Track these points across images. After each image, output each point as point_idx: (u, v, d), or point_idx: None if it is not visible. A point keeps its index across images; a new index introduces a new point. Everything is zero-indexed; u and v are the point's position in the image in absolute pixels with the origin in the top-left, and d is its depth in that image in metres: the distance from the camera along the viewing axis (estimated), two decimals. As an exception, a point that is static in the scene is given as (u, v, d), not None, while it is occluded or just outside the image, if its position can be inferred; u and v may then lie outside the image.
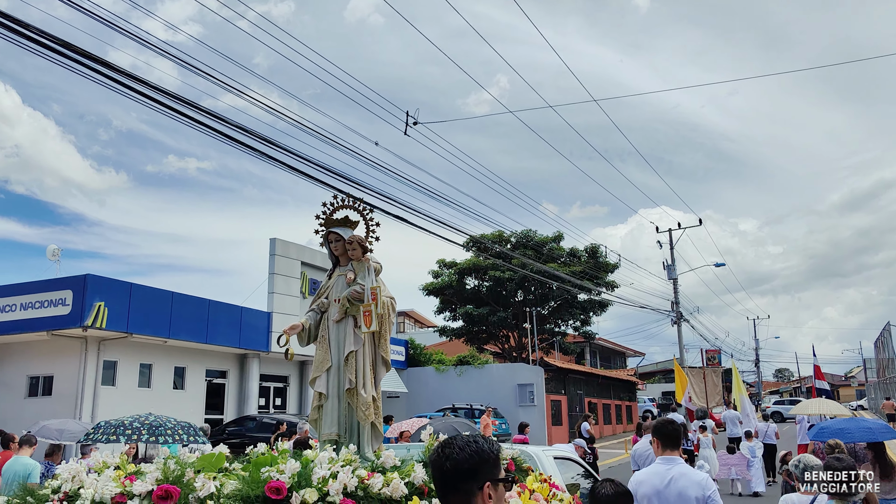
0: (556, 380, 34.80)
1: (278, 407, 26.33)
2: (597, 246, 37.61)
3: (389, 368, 4.92)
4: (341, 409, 4.75)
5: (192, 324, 21.29)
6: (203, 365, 23.19)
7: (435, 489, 2.10)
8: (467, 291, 37.15)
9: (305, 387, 26.89)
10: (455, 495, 2.00)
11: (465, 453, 2.00)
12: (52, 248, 23.45)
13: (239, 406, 24.19)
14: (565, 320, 38.37)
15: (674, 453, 4.59)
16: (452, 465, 1.99)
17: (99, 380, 19.61)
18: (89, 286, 18.43)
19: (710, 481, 4.39)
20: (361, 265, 4.95)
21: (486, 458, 2.01)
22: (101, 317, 18.40)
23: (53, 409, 18.14)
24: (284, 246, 25.26)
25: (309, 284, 25.93)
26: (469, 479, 1.98)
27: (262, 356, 24.58)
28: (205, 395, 23.26)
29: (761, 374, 76.55)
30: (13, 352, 20.68)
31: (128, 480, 3.39)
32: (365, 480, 3.60)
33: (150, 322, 19.94)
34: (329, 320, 4.97)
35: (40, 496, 3.51)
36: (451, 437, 2.13)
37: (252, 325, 23.50)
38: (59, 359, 19.70)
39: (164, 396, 21.04)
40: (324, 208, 5.18)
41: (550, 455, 6.00)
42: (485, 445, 2.04)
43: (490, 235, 34.01)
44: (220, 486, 3.41)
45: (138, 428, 10.31)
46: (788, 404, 47.53)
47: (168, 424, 10.75)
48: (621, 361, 65.82)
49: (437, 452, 2.08)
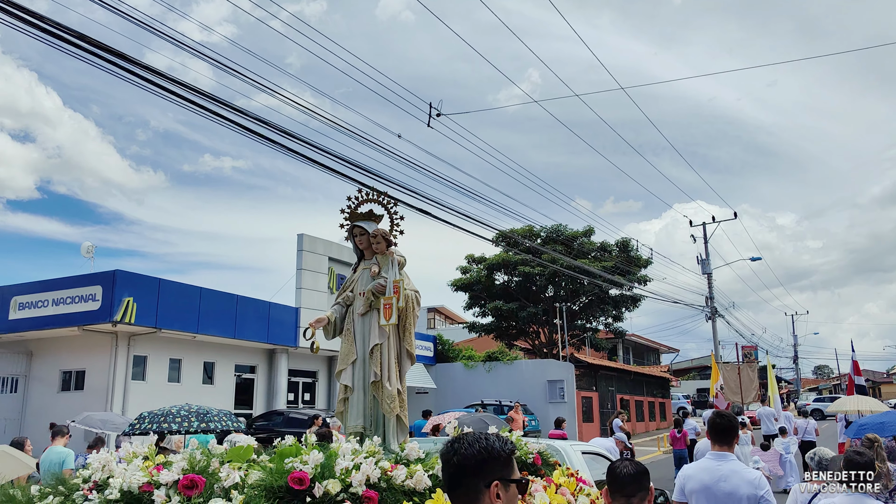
0: (587, 376, 34.67)
1: (307, 402, 26.63)
2: (628, 240, 37.32)
3: (414, 362, 4.97)
4: (367, 402, 4.82)
5: (221, 319, 21.63)
6: (232, 360, 23.54)
7: (444, 485, 2.08)
8: (496, 287, 37.12)
9: (334, 382, 27.15)
10: (460, 491, 1.98)
11: (473, 449, 1.98)
12: (86, 245, 23.87)
13: (268, 401, 24.51)
14: (596, 316, 38.17)
15: (725, 449, 4.42)
16: (459, 460, 1.98)
17: (129, 375, 20.02)
18: (118, 282, 18.81)
19: (763, 480, 4.22)
20: (386, 258, 5.02)
21: (496, 457, 1.98)
22: (129, 312, 18.77)
23: (85, 404, 18.56)
24: (312, 242, 25.53)
25: (336, 280, 26.17)
26: (475, 476, 1.95)
27: (290, 351, 24.87)
28: (234, 390, 23.62)
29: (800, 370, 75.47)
30: (46, 347, 21.19)
31: (155, 470, 3.48)
32: (388, 472, 3.65)
33: (178, 317, 20.30)
34: (354, 313, 5.05)
35: (71, 485, 3.62)
36: (464, 433, 2.12)
37: (280, 320, 23.79)
38: (90, 354, 20.14)
39: (193, 391, 21.38)
40: (348, 202, 5.25)
41: (578, 450, 6.02)
42: (496, 443, 2.00)
43: (519, 230, 33.93)
44: (244, 476, 3.49)
45: (186, 415, 10.55)
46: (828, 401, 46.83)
47: (213, 412, 11.00)
48: (655, 358, 65.33)
49: (446, 447, 2.06)
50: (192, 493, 3.33)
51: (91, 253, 23.72)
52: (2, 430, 20.33)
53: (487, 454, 1.97)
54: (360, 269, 5.17)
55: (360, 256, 5.29)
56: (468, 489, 1.96)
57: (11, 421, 20.75)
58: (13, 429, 20.42)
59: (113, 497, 3.34)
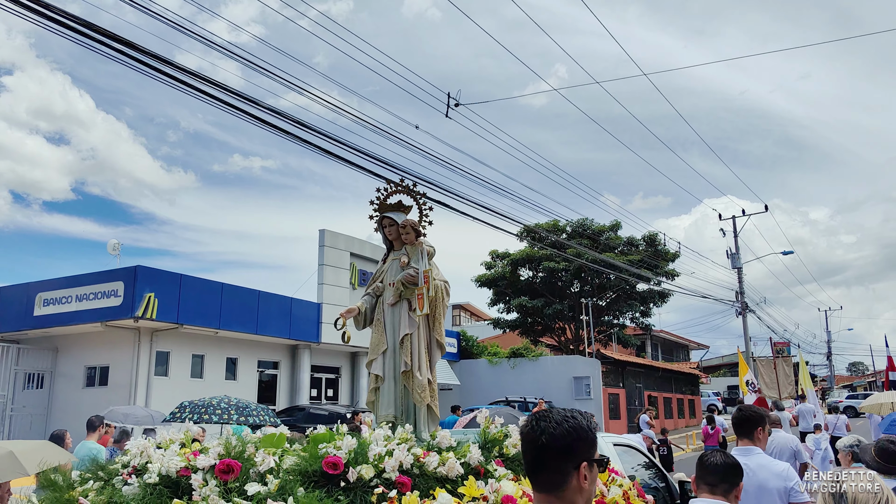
0: (613, 373, 34.61)
1: (330, 398, 26.84)
2: (655, 234, 37.12)
3: (444, 351, 5.08)
4: (397, 392, 4.94)
5: (243, 315, 21.88)
6: (255, 356, 23.81)
7: (525, 466, 2.00)
8: (521, 283, 37.13)
9: (357, 378, 27.37)
10: (546, 474, 1.90)
11: (562, 428, 1.90)
12: (112, 242, 24.16)
13: (291, 397, 24.76)
14: (623, 312, 38.04)
15: (748, 442, 4.43)
16: (548, 440, 1.89)
17: (152, 370, 20.33)
18: (139, 277, 19.09)
19: (791, 471, 4.23)
20: (415, 249, 5.13)
21: (584, 437, 1.91)
22: (151, 308, 19.02)
23: (109, 399, 18.88)
24: (334, 237, 25.70)
25: (358, 275, 26.33)
26: (565, 457, 1.88)
27: (312, 347, 25.09)
28: (257, 386, 23.89)
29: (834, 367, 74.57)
30: (71, 343, 21.59)
31: (192, 455, 3.61)
32: (420, 459, 3.74)
33: (200, 313, 20.57)
34: (384, 304, 5.17)
35: (111, 470, 3.77)
36: (546, 409, 2.02)
37: (302, 316, 24.01)
38: (114, 350, 20.49)
39: (216, 387, 21.62)
40: (378, 193, 5.37)
41: (610, 441, 6.09)
42: (583, 422, 1.94)
43: (545, 225, 33.88)
44: (279, 460, 3.61)
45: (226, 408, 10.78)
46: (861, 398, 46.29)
47: (252, 406, 11.21)
48: (684, 354, 64.94)
49: (530, 425, 1.96)
50: (228, 477, 3.46)
51: (117, 250, 24.05)
52: (28, 425, 20.77)
53: (577, 434, 1.90)
54: (390, 260, 5.30)
55: (389, 247, 5.42)
56: (554, 471, 1.89)
57: (38, 416, 21.18)
58: (39, 424, 20.85)
59: (152, 481, 3.48)
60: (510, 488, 3.75)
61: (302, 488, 3.37)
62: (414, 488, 3.59)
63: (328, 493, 3.40)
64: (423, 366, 4.88)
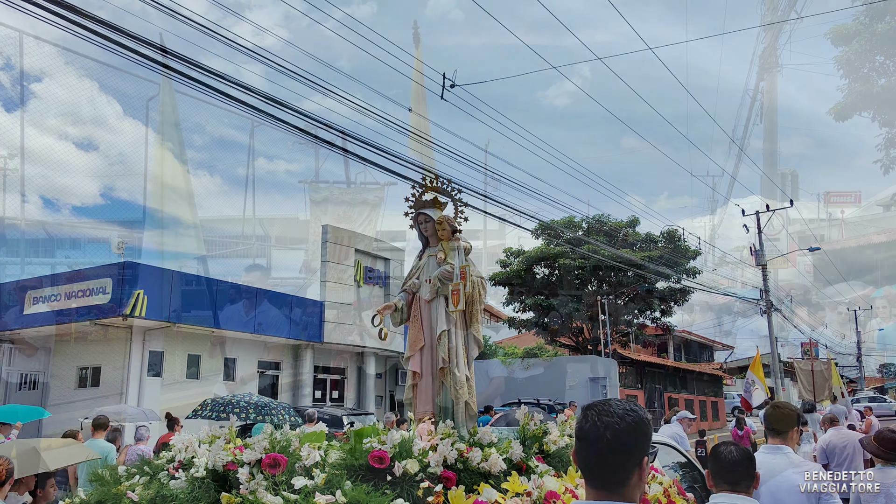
0: (632, 373, 34.83)
1: (335, 400, 26.92)
2: (674, 230, 37.09)
3: (482, 347, 5.34)
4: (435, 388, 5.20)
5: (241, 313, 21.93)
6: (254, 356, 23.92)
7: (580, 463, 1.95)
8: (537, 281, 37.18)
9: (364, 379, 27.50)
10: (608, 471, 1.87)
11: (626, 424, 1.86)
12: (117, 240, 24.22)
13: (293, 399, 24.84)
14: (643, 311, 38.14)
15: (779, 441, 4.50)
16: (614, 435, 1.85)
17: (144, 371, 20.30)
18: (128, 273, 19.12)
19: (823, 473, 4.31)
20: (451, 245, 5.41)
21: (647, 431, 1.90)
22: (140, 305, 18.89)
23: (101, 401, 18.96)
24: (337, 233, 25.64)
25: (364, 272, 26.38)
26: (629, 454, 1.86)
27: (315, 347, 25.22)
28: (257, 388, 24.04)
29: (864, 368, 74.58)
30: (64, 343, 21.71)
31: (237, 450, 3.86)
32: (464, 454, 3.98)
33: (195, 311, 20.61)
34: (421, 300, 5.44)
35: (156, 466, 4.03)
36: (602, 402, 1.98)
37: (305, 314, 24.13)
38: (105, 350, 20.56)
39: (214, 388, 21.79)
40: (413, 190, 5.65)
41: (651, 439, 6.27)
42: (643, 415, 1.92)
43: (560, 221, 33.95)
44: (324, 455, 3.86)
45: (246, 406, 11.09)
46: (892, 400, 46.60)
47: (273, 405, 11.53)
48: (708, 355, 64.91)
49: (591, 421, 1.90)
50: (275, 471, 3.71)
51: (122, 249, 24.02)
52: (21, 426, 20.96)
53: (640, 428, 1.88)
54: (426, 257, 5.57)
55: (425, 244, 5.70)
56: (616, 469, 1.87)
57: (31, 419, 21.39)
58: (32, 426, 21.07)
59: (199, 475, 3.73)
60: (553, 484, 4.00)
61: (349, 482, 3.61)
62: (458, 483, 3.81)
63: (375, 486, 3.63)
64: (460, 362, 5.14)
